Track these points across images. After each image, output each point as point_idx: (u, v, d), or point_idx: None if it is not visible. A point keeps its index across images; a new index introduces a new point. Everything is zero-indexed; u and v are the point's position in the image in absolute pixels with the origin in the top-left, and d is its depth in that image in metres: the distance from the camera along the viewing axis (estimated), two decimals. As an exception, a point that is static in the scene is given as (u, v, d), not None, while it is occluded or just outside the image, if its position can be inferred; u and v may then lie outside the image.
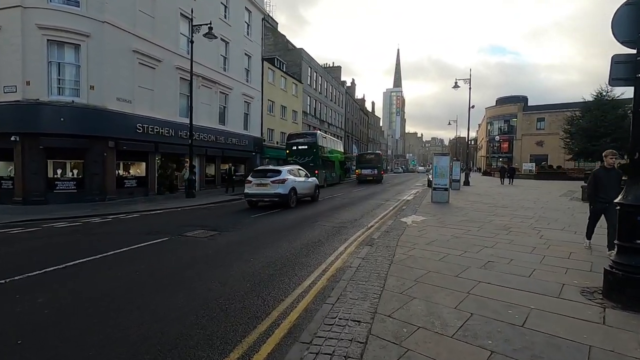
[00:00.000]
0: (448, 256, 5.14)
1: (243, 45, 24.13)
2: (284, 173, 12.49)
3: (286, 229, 7.92)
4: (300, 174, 14.01)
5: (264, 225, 8.62)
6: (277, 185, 11.96)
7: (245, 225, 8.52)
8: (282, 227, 8.18)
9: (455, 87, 25.22)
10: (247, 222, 8.96)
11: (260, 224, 8.81)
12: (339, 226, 8.31)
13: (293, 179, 12.79)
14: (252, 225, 8.63)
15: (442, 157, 13.26)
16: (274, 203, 12.16)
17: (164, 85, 17.22)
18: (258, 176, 12.57)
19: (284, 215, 10.28)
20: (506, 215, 9.57)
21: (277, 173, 12.44)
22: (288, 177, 12.44)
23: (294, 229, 8.01)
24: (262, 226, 8.46)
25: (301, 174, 14.17)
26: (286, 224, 8.62)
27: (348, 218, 9.69)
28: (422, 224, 8.01)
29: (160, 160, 17.70)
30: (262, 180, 12.22)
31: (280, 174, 12.34)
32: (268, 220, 9.27)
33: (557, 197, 15.48)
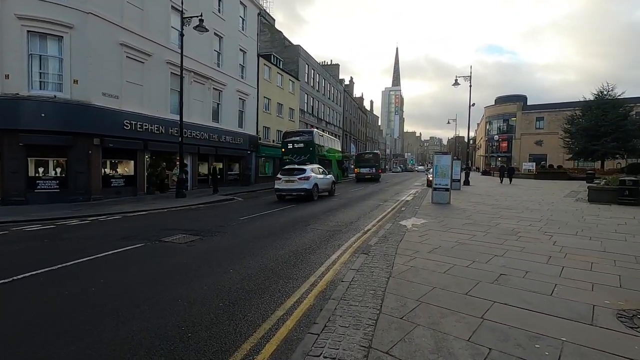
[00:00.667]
0: (454, 267, 4.52)
1: (238, 41, 23.44)
2: (308, 171, 14.43)
3: (275, 234, 7.29)
4: (320, 171, 15.96)
5: (251, 228, 7.99)
6: (303, 182, 13.85)
7: (231, 229, 7.87)
8: (271, 232, 7.54)
9: (455, 85, 24.60)
10: (235, 226, 8.32)
11: (248, 227, 8.17)
12: (333, 230, 7.69)
13: (315, 176, 14.70)
14: (239, 228, 7.99)
15: (443, 155, 12.65)
16: (299, 196, 14.13)
17: (154, 80, 16.54)
18: (286, 174, 14.38)
19: (274, 217, 9.65)
20: (512, 218, 8.96)
21: (303, 171, 14.35)
22: (311, 175, 14.38)
23: (284, 233, 7.37)
24: (249, 230, 7.82)
25: (321, 171, 16.13)
26: (275, 228, 7.98)
27: (343, 220, 9.06)
28: (423, 228, 7.39)
29: (149, 159, 17.02)
30: (290, 177, 14.08)
31: (305, 172, 14.26)
32: (257, 224, 8.63)
33: (562, 198, 14.91)
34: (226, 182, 23.06)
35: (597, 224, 8.00)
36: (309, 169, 14.72)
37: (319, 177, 15.15)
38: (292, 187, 13.98)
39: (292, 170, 14.57)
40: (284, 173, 14.55)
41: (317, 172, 15.33)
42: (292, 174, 14.20)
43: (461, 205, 11.71)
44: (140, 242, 6.30)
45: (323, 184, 15.51)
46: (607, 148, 35.65)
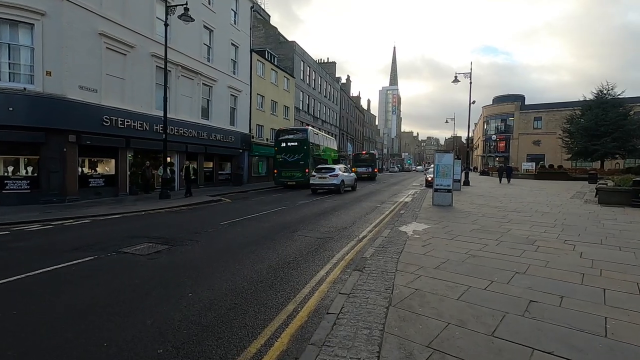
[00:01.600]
0: (470, 291, 3.63)
1: (229, 35, 22.46)
2: (337, 170, 17.67)
3: (256, 242, 6.34)
4: (344, 170, 19.00)
5: (231, 236, 7.04)
6: (332, 178, 16.98)
7: (208, 236, 6.93)
8: (252, 239, 6.59)
9: (455, 82, 23.79)
10: (213, 232, 7.36)
11: (228, 234, 7.21)
12: (323, 237, 6.76)
13: (342, 174, 17.74)
14: (217, 235, 7.04)
15: (445, 154, 11.77)
16: (330, 190, 17.04)
17: (137, 74, 15.53)
18: (319, 172, 17.65)
19: (259, 222, 8.69)
20: (523, 222, 8.09)
21: (333, 170, 17.62)
22: (339, 173, 17.50)
23: (267, 241, 6.43)
24: (228, 237, 6.87)
25: (345, 170, 19.12)
26: (258, 235, 7.03)
27: (336, 225, 8.15)
28: (426, 235, 6.50)
29: (132, 157, 16.02)
30: (322, 175, 17.27)
31: (335, 171, 17.47)
32: (238, 230, 7.68)
33: (569, 200, 14.10)
34: (217, 182, 22.10)
35: (620, 230, 7.15)
36: (337, 169, 17.95)
37: (345, 175, 18.16)
38: (324, 183, 17.04)
39: (324, 169, 17.83)
40: (318, 171, 17.80)
41: (343, 171, 18.31)
42: (324, 172, 17.34)
43: (464, 208, 10.84)
44: (93, 255, 5.34)
45: (348, 181, 18.47)
46: (607, 148, 35.06)
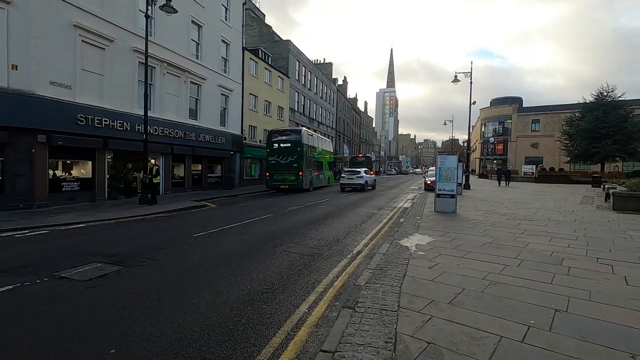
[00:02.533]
0: (503, 345, 2.62)
1: (220, 31, 21.45)
2: (362, 173, 21.92)
3: (228, 262, 5.28)
4: (367, 173, 23.22)
5: (201, 252, 5.97)
6: (359, 179, 21.08)
7: (173, 253, 5.85)
8: (224, 258, 5.51)
9: (455, 81, 22.93)
10: (180, 247, 6.25)
11: (198, 249, 6.14)
12: (311, 254, 5.73)
13: (366, 176, 22.18)
14: (183, 252, 5.95)
15: (448, 156, 10.81)
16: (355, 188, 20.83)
17: (117, 70, 14.47)
18: (348, 174, 22.03)
19: (239, 233, 7.62)
20: (540, 234, 7.13)
21: (359, 172, 21.91)
22: (364, 175, 21.78)
23: (242, 260, 5.39)
24: (196, 254, 5.79)
25: (368, 173, 24.03)
26: (233, 251, 5.95)
27: (327, 237, 7.13)
28: (431, 252, 5.50)
29: (112, 159, 14.93)
30: (351, 176, 21.51)
31: (360, 174, 21.69)
32: (212, 244, 6.60)
33: (579, 205, 13.20)
34: (206, 185, 21.01)
35: (651, 243, 6.21)
36: (362, 172, 22.41)
37: (367, 177, 22.58)
38: (352, 182, 21.23)
39: (352, 172, 22.47)
40: (347, 173, 22.50)
41: (366, 174, 22.80)
42: (351, 175, 21.91)
43: (470, 215, 9.87)
44: (18, 281, 4.23)
45: (370, 181, 22.98)
46: (608, 151, 34.41)
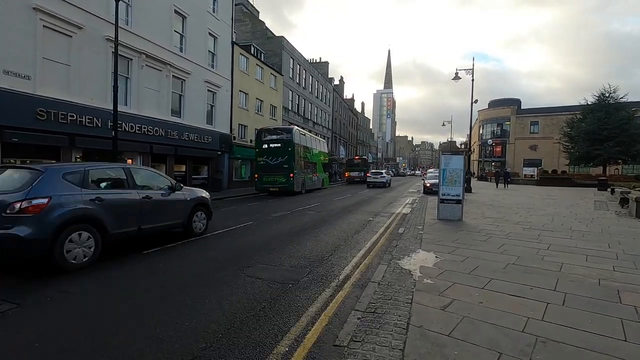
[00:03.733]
0: None
1: (207, 24, 20.12)
2: (384, 174, 29.88)
3: (163, 298, 3.75)
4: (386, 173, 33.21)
5: (138, 278, 4.56)
6: (382, 178, 27.99)
7: (98, 280, 4.48)
8: (162, 292, 4.02)
9: (455, 79, 21.78)
10: (112, 271, 4.91)
11: (134, 275, 4.69)
12: (282, 281, 4.38)
13: (387, 176, 29.49)
14: (112, 279, 4.55)
15: (453, 157, 9.54)
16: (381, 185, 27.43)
17: (87, 60, 13.11)
18: (373, 174, 29.20)
19: (203, 249, 6.27)
20: (570, 250, 5.85)
21: (381, 173, 29.91)
22: (385, 176, 29.03)
23: (184, 294, 3.90)
24: (130, 283, 4.39)
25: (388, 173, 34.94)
26: (183, 277, 4.47)
27: (310, 254, 5.80)
28: (441, 279, 4.20)
29: (80, 159, 13.52)
30: (376, 176, 28.52)
31: (383, 174, 29.34)
32: (158, 265, 5.16)
33: (595, 211, 11.98)
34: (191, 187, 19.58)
35: None
36: (384, 172, 31.01)
37: (387, 177, 29.47)
38: (377, 180, 27.66)
39: (376, 173, 29.80)
40: (372, 174, 29.55)
41: (387, 174, 30.96)
42: (376, 175, 28.93)
43: (478, 224, 8.59)
44: None
45: (388, 180, 29.24)
46: (610, 153, 33.44)
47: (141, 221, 5.99)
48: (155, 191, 6.48)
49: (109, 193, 5.59)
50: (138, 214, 5.94)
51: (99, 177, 5.76)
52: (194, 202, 7.29)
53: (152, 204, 6.20)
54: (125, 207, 5.74)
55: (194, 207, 7.29)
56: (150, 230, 6.25)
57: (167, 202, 6.61)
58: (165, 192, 6.67)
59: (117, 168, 6.41)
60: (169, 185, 6.87)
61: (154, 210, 6.26)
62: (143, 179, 6.59)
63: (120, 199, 5.73)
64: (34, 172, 4.99)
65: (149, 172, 7.23)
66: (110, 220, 5.34)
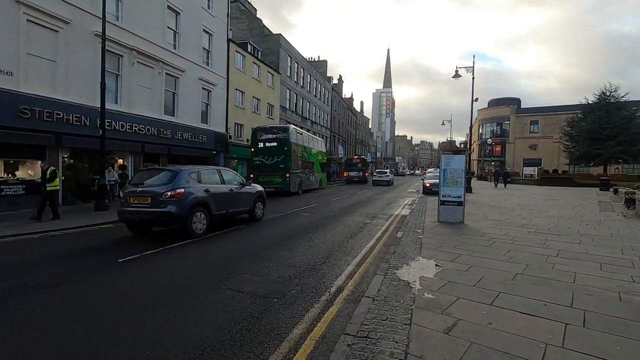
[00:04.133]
0: None
1: (201, 20, 19.65)
2: (388, 173, 32.78)
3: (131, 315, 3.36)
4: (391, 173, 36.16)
5: (108, 292, 4.15)
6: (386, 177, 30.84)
7: (61, 295, 3.94)
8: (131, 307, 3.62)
9: (455, 77, 21.37)
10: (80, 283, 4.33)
11: (111, 285, 4.32)
12: (267, 295, 3.90)
13: (390, 175, 32.87)
14: (77, 293, 4.11)
15: (454, 156, 9.10)
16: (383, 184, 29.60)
17: (74, 56, 12.65)
18: (378, 174, 32.07)
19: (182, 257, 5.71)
20: (582, 258, 5.41)
21: (386, 172, 32.39)
22: (389, 175, 32.39)
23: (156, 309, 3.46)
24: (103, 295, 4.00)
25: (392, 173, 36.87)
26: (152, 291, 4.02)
27: (300, 262, 5.35)
28: (444, 293, 3.76)
29: (68, 159, 13.07)
30: (380, 175, 31.12)
31: (387, 173, 32.04)
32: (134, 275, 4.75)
33: (600, 213, 11.57)
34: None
35: None
36: (388, 172, 33.30)
37: (391, 176, 32.63)
38: (382, 179, 30.08)
39: (381, 172, 32.44)
40: (377, 173, 32.47)
41: (391, 174, 33.71)
42: (381, 174, 31.48)
43: (481, 227, 8.16)
44: None
45: (391, 179, 32.22)
46: (612, 152, 33.06)
47: (228, 206, 8.38)
48: (234, 185, 8.82)
49: (212, 186, 7.95)
50: (226, 201, 8.31)
51: (205, 175, 8.05)
52: (256, 194, 9.68)
53: (233, 195, 8.60)
54: (220, 196, 8.09)
55: (256, 198, 9.64)
56: (231, 213, 8.64)
57: (241, 193, 8.96)
58: (239, 186, 9.00)
59: (214, 169, 9.04)
60: (240, 182, 9.23)
61: (234, 199, 8.64)
62: (227, 176, 8.99)
63: (218, 190, 8.11)
64: (173, 172, 7.40)
65: (230, 172, 9.75)
66: (213, 205, 7.72)
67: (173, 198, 6.85)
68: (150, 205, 6.91)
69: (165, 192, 6.85)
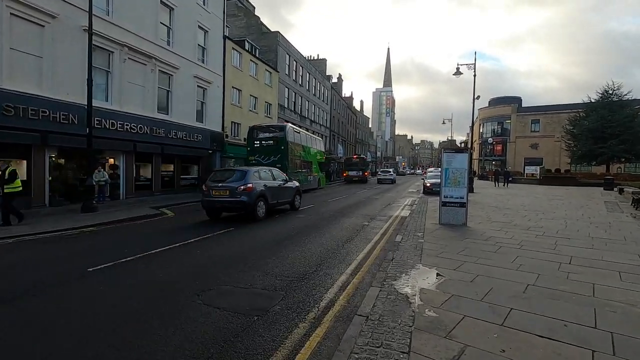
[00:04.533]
0: None
1: (196, 16, 19.17)
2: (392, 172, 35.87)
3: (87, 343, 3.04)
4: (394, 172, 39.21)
5: (62, 311, 3.73)
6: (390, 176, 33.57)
7: (15, 314, 3.60)
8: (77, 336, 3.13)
9: (457, 74, 20.89)
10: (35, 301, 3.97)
11: (67, 303, 3.88)
12: (248, 312, 3.43)
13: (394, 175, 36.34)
14: (28, 314, 3.72)
15: (457, 154, 8.62)
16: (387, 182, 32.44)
17: (62, 52, 12.21)
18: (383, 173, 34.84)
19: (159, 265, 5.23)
20: (597, 265, 4.95)
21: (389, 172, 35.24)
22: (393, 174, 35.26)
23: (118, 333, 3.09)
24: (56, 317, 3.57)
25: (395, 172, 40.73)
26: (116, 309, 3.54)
27: (289, 271, 4.89)
28: (447, 310, 3.31)
29: (55, 158, 12.62)
30: (385, 174, 34.11)
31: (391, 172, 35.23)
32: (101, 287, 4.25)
33: (608, 213, 11.11)
34: (179, 188, 18.70)
35: None
36: (391, 171, 35.90)
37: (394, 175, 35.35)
38: (386, 177, 32.88)
39: (385, 171, 34.57)
40: (382, 172, 34.89)
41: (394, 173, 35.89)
42: (385, 173, 34.18)
43: (485, 230, 7.70)
44: None
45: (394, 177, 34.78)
46: (614, 151, 32.57)
47: (278, 198, 10.81)
48: (281, 182, 11.30)
49: (268, 182, 10.37)
50: (277, 194, 10.74)
51: (263, 173, 10.57)
52: (295, 189, 12.11)
53: (281, 189, 11.06)
54: (273, 190, 10.49)
55: (295, 192, 12.05)
56: (280, 203, 11.11)
57: (286, 188, 11.47)
58: (284, 182, 11.47)
59: (268, 169, 11.50)
60: (285, 179, 11.72)
61: (282, 192, 11.11)
62: (276, 174, 11.44)
63: (272, 185, 10.54)
64: (243, 172, 9.95)
65: (278, 171, 12.14)
66: (269, 196, 10.10)
67: (245, 191, 9.23)
68: (229, 196, 9.26)
69: (239, 187, 9.21)
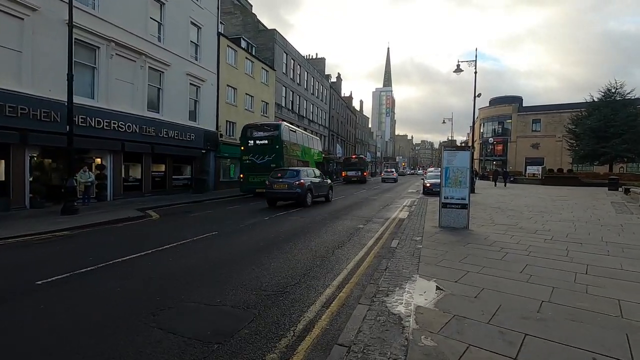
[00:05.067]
0: None
1: (188, 12, 18.62)
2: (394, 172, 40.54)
3: None
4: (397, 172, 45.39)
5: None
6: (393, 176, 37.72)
7: None
8: None
9: (457, 71, 20.30)
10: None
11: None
12: (207, 338, 2.80)
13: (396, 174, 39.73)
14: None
15: (458, 153, 8.04)
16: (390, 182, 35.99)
17: (43, 46, 11.64)
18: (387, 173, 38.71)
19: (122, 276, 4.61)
20: (618, 277, 4.37)
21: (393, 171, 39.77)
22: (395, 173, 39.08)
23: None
24: None
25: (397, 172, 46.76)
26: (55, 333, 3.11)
27: (267, 284, 4.29)
28: (446, 332, 2.73)
29: (37, 158, 12.06)
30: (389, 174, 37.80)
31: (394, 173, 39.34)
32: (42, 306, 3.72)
33: (617, 215, 10.52)
34: (171, 188, 18.14)
35: None
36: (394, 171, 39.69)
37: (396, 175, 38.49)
38: (390, 177, 36.65)
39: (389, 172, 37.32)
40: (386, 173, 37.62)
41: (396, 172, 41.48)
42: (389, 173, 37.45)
43: (488, 233, 7.11)
44: None
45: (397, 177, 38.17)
46: (618, 151, 31.98)
47: (318, 191, 13.93)
48: (320, 179, 14.63)
49: (312, 179, 13.67)
50: (317, 188, 13.76)
51: (309, 172, 14.06)
52: (329, 185, 15.42)
53: (320, 185, 14.24)
54: (315, 185, 13.65)
55: (329, 188, 15.35)
56: (319, 196, 14.26)
57: (323, 183, 14.62)
58: (321, 179, 14.74)
59: (312, 169, 15.20)
60: (322, 177, 15.15)
61: (321, 187, 14.32)
62: (317, 173, 14.89)
63: (315, 181, 13.84)
64: (296, 171, 13.30)
65: (317, 170, 15.70)
66: (313, 190, 13.34)
67: (299, 185, 12.39)
68: (287, 189, 12.39)
69: (294, 182, 12.43)
